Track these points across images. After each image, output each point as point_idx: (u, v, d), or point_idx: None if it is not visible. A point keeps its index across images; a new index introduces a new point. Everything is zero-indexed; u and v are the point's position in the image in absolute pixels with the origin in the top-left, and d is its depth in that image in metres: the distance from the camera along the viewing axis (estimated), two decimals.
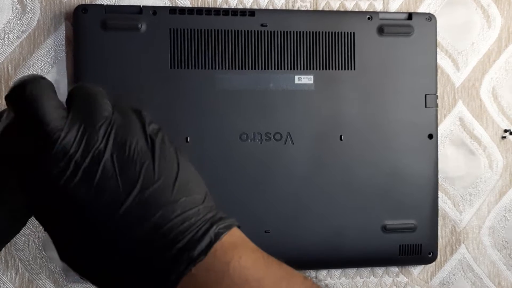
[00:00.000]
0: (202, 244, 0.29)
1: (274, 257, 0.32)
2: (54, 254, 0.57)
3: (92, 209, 0.29)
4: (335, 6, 0.62)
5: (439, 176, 0.63)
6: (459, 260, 0.65)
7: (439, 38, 0.64)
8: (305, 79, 0.59)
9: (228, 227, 0.30)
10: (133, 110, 0.32)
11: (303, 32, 0.59)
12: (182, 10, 0.57)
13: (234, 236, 0.31)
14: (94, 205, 0.29)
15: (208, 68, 0.57)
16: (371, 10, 0.63)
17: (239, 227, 0.32)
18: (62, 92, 0.55)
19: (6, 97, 0.30)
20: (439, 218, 0.63)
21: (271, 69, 0.58)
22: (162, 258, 0.29)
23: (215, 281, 0.29)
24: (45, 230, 0.32)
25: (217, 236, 0.29)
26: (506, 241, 0.66)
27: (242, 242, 0.31)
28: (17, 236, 0.54)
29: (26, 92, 0.30)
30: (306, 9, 0.61)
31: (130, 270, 0.29)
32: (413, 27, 0.61)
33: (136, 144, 0.30)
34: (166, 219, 0.29)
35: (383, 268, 0.63)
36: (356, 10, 0.62)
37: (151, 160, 0.30)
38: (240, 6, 0.60)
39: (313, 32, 0.59)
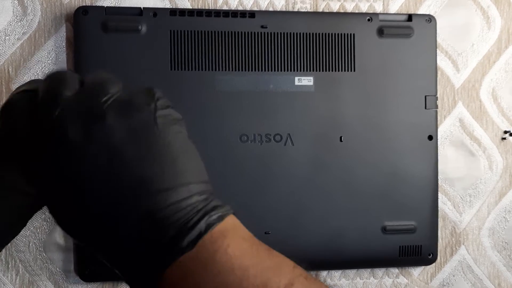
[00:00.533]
0: (191, 235, 0.29)
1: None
2: (54, 255, 0.57)
3: (90, 187, 0.29)
4: (335, 7, 0.62)
5: (439, 177, 0.63)
6: (459, 261, 0.65)
7: (439, 40, 0.64)
8: (305, 81, 0.59)
9: (221, 218, 0.31)
10: (145, 89, 0.32)
11: (303, 33, 0.59)
12: (182, 12, 0.57)
13: (227, 224, 0.31)
14: (91, 184, 0.29)
15: (208, 70, 0.57)
16: (371, 11, 0.63)
17: (234, 214, 0.32)
18: None
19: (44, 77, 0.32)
20: (439, 219, 0.63)
21: (271, 70, 0.58)
22: (152, 245, 0.29)
23: (201, 268, 0.29)
24: (42, 198, 0.32)
25: (208, 228, 0.30)
26: (506, 242, 0.66)
27: (233, 230, 0.31)
28: (18, 237, 0.55)
29: (56, 73, 0.32)
30: (306, 10, 0.62)
31: (124, 252, 0.30)
32: (413, 28, 0.61)
33: (138, 124, 0.30)
34: (160, 207, 0.29)
35: (383, 269, 0.64)
36: (356, 11, 0.62)
37: (149, 143, 0.30)
38: (240, 8, 0.60)
39: (313, 33, 0.59)
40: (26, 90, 0.32)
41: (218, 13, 0.58)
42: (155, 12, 0.56)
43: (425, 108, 0.61)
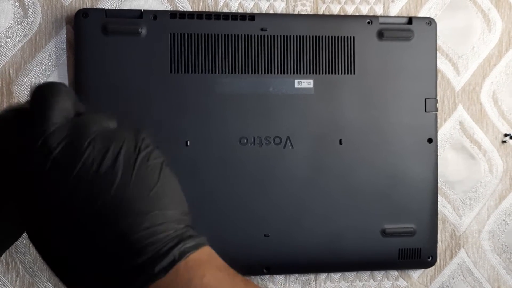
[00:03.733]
0: (164, 262, 0.29)
1: (273, 261, 0.31)
2: None
3: (67, 205, 0.29)
4: (335, 10, 0.62)
5: (439, 180, 0.63)
6: (458, 264, 0.65)
7: (439, 42, 0.64)
8: (305, 83, 0.59)
9: (196, 247, 0.30)
10: (132, 128, 0.32)
11: (303, 36, 0.59)
12: (183, 15, 0.57)
13: (202, 254, 0.30)
14: (69, 201, 0.29)
15: (208, 72, 0.57)
16: (371, 14, 0.63)
17: (211, 246, 0.32)
18: None
19: (32, 89, 0.32)
20: (438, 222, 0.63)
21: (271, 73, 0.58)
22: (123, 269, 0.29)
23: None
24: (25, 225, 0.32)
25: (182, 255, 0.29)
26: (506, 245, 0.66)
27: (209, 260, 0.31)
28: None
29: (48, 89, 0.32)
30: (306, 13, 0.62)
31: (93, 272, 0.29)
32: (413, 31, 0.61)
33: (119, 152, 0.30)
34: (133, 229, 0.29)
35: (382, 272, 0.64)
36: (357, 14, 0.62)
37: (131, 169, 0.30)
38: (240, 10, 0.60)
39: (313, 36, 0.59)
40: (14, 109, 0.32)
41: (218, 16, 0.58)
42: (155, 14, 0.57)
43: (425, 111, 0.61)
